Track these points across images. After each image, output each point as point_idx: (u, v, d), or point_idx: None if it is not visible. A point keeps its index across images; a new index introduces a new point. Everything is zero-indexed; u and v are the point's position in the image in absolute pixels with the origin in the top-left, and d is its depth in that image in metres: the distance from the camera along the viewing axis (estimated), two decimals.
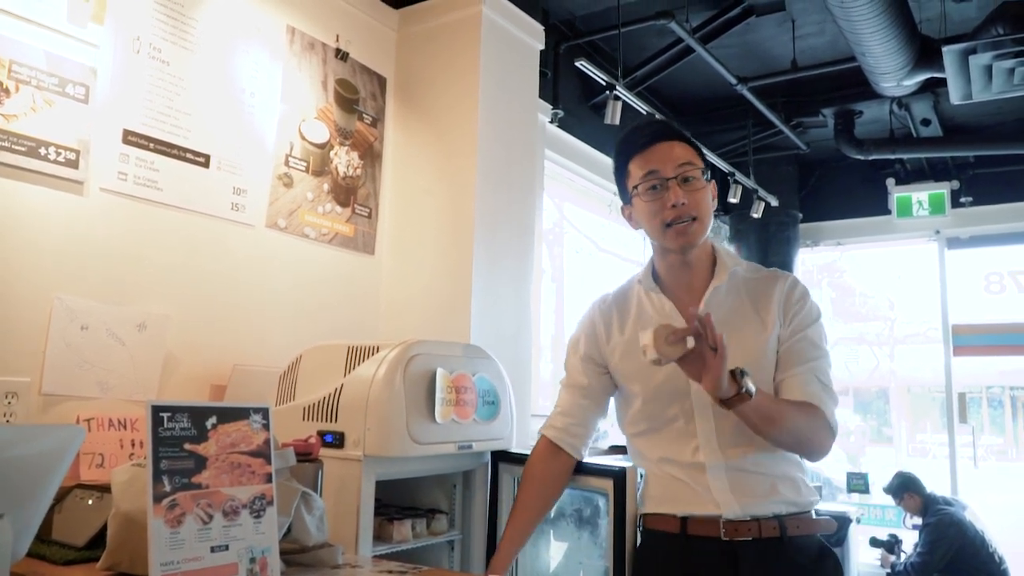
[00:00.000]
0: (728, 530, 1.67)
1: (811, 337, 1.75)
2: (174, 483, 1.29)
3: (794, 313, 1.76)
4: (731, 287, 1.79)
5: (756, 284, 1.80)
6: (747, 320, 1.76)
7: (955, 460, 6.74)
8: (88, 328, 2.19)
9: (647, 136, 1.78)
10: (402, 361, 1.98)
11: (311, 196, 2.86)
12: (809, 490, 1.78)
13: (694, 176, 1.74)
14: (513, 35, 3.26)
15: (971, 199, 6.58)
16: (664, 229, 1.74)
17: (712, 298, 1.77)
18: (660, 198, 1.73)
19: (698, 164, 1.76)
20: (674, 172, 1.72)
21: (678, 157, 1.74)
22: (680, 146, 1.77)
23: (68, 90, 2.16)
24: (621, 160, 1.82)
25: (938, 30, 4.59)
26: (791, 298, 1.77)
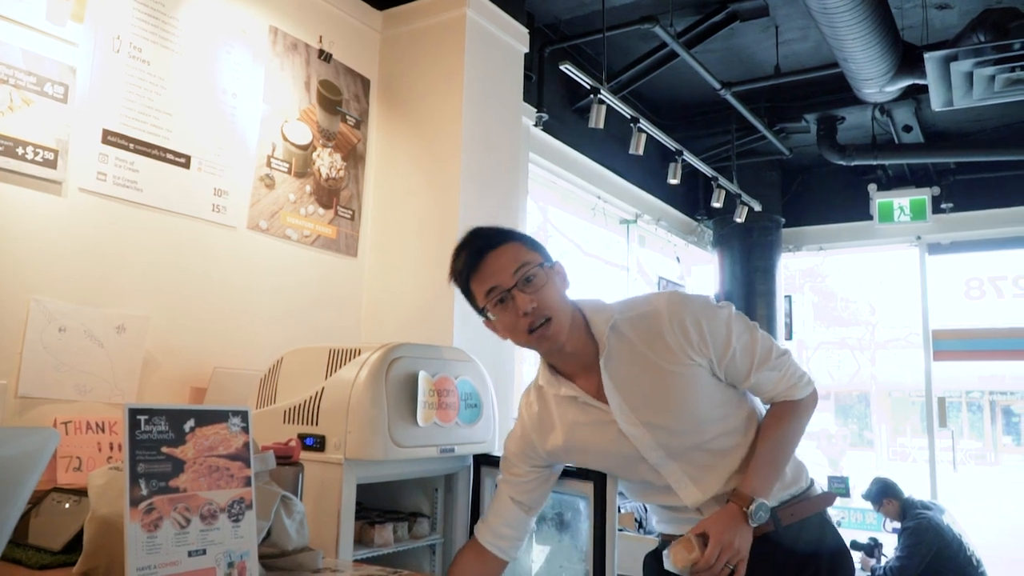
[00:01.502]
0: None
1: (740, 344, 1.70)
2: (151, 487, 1.27)
3: (701, 345, 1.68)
4: (620, 347, 1.72)
5: (642, 326, 1.72)
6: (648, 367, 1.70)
7: (934, 464, 6.79)
8: (66, 330, 2.16)
9: (475, 252, 1.71)
10: (384, 364, 1.97)
11: (293, 198, 2.84)
12: (795, 472, 1.78)
13: (533, 275, 1.67)
14: (497, 38, 3.25)
15: (952, 205, 6.64)
16: (528, 337, 1.69)
17: (607, 368, 1.71)
18: (510, 309, 1.67)
19: (533, 260, 1.69)
20: (513, 279, 1.66)
21: (510, 262, 1.67)
22: (509, 249, 1.70)
23: (46, 89, 2.14)
24: (463, 285, 1.75)
25: (920, 37, 4.63)
26: (687, 335, 1.68)
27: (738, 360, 1.70)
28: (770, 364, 1.72)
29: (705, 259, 7.13)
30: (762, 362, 1.71)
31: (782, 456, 1.70)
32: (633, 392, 1.70)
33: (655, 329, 1.70)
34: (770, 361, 1.72)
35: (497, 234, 1.74)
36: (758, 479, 1.65)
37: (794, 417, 1.74)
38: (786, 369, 1.74)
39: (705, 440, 1.69)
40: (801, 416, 1.75)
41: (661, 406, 1.68)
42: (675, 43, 4.44)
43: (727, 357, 1.69)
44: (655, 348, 1.69)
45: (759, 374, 1.71)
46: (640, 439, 1.69)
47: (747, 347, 1.70)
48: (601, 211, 5.63)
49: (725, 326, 1.69)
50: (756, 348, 1.71)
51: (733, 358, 1.69)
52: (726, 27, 4.65)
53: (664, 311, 1.70)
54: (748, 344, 1.71)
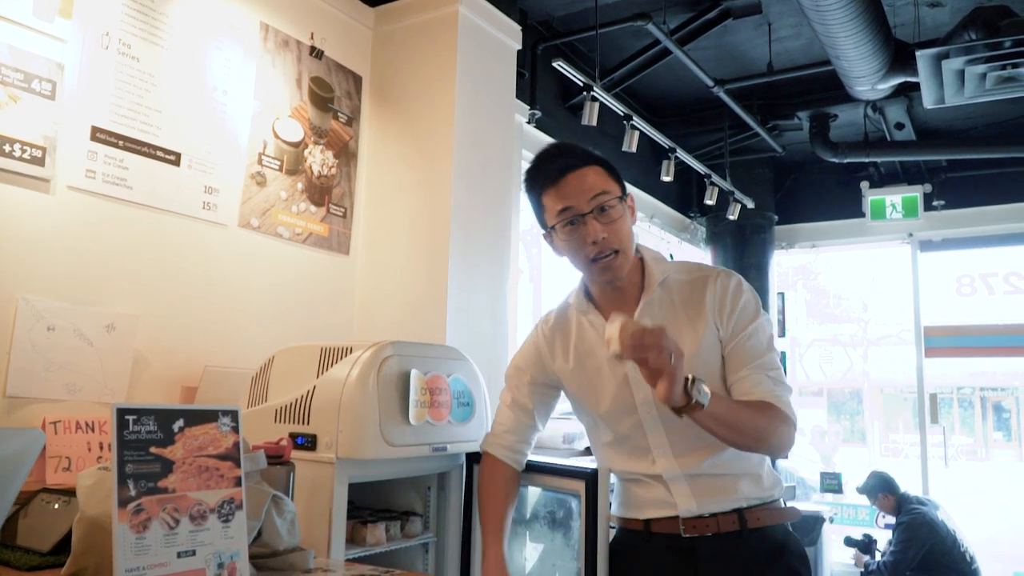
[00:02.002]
0: (687, 527, 1.69)
1: (754, 333, 1.70)
2: (140, 487, 1.26)
3: (729, 313, 1.71)
4: (663, 297, 1.75)
5: (689, 288, 1.76)
6: (679, 326, 1.71)
7: (926, 460, 6.81)
8: (55, 329, 2.14)
9: (557, 168, 1.69)
10: (376, 362, 1.96)
11: (285, 195, 2.82)
12: (772, 481, 1.78)
13: (610, 205, 1.67)
14: (490, 35, 3.24)
15: (943, 202, 6.65)
16: (589, 265, 1.70)
17: (644, 312, 1.73)
18: (579, 233, 1.67)
19: (613, 191, 1.69)
20: (589, 206, 1.66)
21: (591, 187, 1.67)
22: (593, 172, 1.69)
23: (34, 86, 2.12)
24: (534, 194, 1.75)
25: (912, 35, 4.63)
26: (724, 299, 1.72)
27: (748, 344, 1.69)
28: (767, 364, 1.69)
29: (698, 256, 7.14)
30: (760, 357, 1.69)
31: (738, 420, 1.59)
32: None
33: (698, 293, 1.73)
34: (767, 359, 1.70)
35: (582, 154, 1.72)
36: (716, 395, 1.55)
37: (768, 414, 1.63)
38: (777, 381, 1.69)
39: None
40: (771, 419, 1.63)
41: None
42: (668, 40, 4.43)
43: (740, 336, 1.69)
44: (690, 310, 1.73)
45: (752, 366, 1.68)
46: (642, 390, 1.69)
47: (758, 339, 1.70)
48: None
49: (752, 310, 1.72)
50: (762, 343, 1.71)
51: (745, 339, 1.69)
52: (719, 24, 4.64)
53: (713, 276, 1.75)
54: (760, 337, 1.71)
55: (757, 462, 1.76)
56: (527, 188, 1.77)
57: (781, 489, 1.80)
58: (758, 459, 1.77)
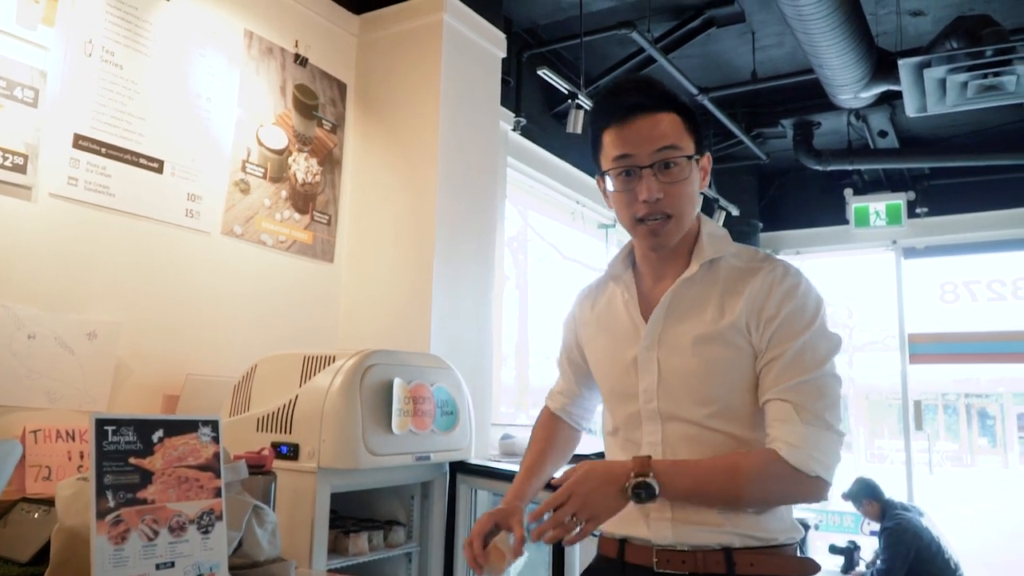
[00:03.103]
0: (660, 560, 1.43)
1: (800, 351, 1.39)
2: (118, 498, 1.26)
3: (767, 320, 1.41)
4: (708, 277, 1.50)
5: (738, 275, 1.48)
6: (706, 320, 1.46)
7: (911, 466, 6.85)
8: (35, 337, 2.13)
9: (626, 106, 1.45)
10: (359, 371, 1.95)
11: (268, 203, 2.82)
12: (781, 520, 1.45)
13: (676, 163, 1.43)
14: (475, 43, 3.25)
15: (927, 210, 6.71)
16: (635, 224, 1.49)
17: (680, 290, 1.49)
18: (633, 188, 1.45)
19: (684, 147, 1.45)
20: (651, 159, 1.43)
21: (660, 138, 1.43)
22: (667, 120, 1.45)
23: (16, 93, 2.11)
24: (596, 128, 1.52)
25: (895, 43, 4.67)
26: (768, 299, 1.42)
27: (788, 358, 1.39)
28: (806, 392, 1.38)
29: None
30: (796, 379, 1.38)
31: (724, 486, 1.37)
32: (677, 326, 1.48)
33: (742, 284, 1.46)
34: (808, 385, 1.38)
35: (660, 96, 1.47)
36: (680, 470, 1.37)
37: (764, 471, 1.36)
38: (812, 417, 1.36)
39: (703, 416, 1.44)
40: (769, 476, 1.36)
41: (690, 356, 1.45)
42: (652, 48, 4.45)
43: (784, 347, 1.40)
44: (728, 301, 1.46)
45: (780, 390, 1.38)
46: (648, 376, 1.49)
47: (800, 353, 1.39)
48: (580, 215, 5.64)
49: (804, 320, 1.41)
50: (804, 362, 1.39)
51: (787, 352, 1.39)
52: (703, 33, 4.67)
53: (767, 268, 1.47)
54: (805, 352, 1.40)
55: None
56: (591, 120, 1.56)
57: (793, 534, 1.46)
58: None
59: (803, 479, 1.34)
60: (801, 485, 1.35)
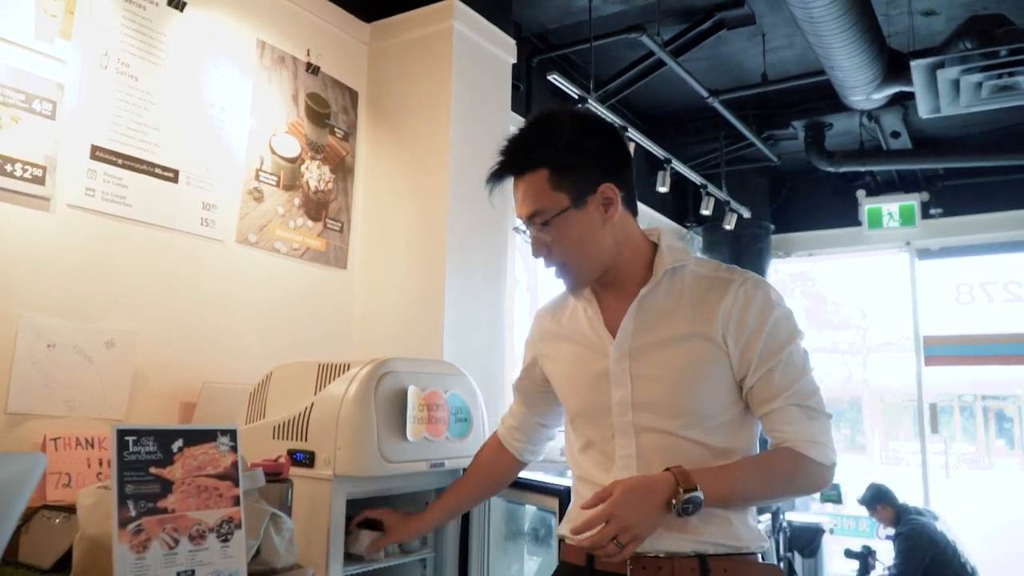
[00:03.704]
0: (635, 567, 1.44)
1: (786, 360, 1.46)
2: (139, 508, 1.28)
3: (752, 334, 1.46)
4: (671, 288, 1.52)
5: (705, 285, 1.52)
6: (677, 323, 1.49)
7: (927, 470, 6.81)
8: (55, 346, 2.15)
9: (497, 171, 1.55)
10: (373, 379, 1.97)
11: (282, 211, 2.84)
12: (751, 529, 1.51)
13: (549, 223, 1.49)
14: (485, 49, 3.26)
15: (941, 211, 6.68)
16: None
17: (645, 300, 1.52)
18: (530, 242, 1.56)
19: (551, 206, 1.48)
20: (527, 225, 1.53)
21: (527, 203, 1.51)
22: (532, 182, 1.49)
23: (35, 106, 2.14)
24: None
25: (907, 43, 4.65)
26: (745, 316, 1.46)
27: (779, 371, 1.45)
28: (801, 393, 1.46)
29: None
30: (793, 385, 1.46)
31: (756, 486, 1.43)
32: (646, 336, 1.50)
33: (713, 296, 1.49)
34: (801, 387, 1.47)
35: (525, 156, 1.51)
36: (717, 478, 1.40)
37: (789, 468, 1.44)
38: (814, 413, 1.46)
39: (677, 427, 1.47)
40: (794, 472, 1.44)
41: (662, 366, 1.47)
42: (662, 52, 4.46)
43: (771, 362, 1.45)
44: (697, 312, 1.49)
45: (782, 398, 1.45)
46: (622, 389, 1.51)
47: (791, 363, 1.47)
48: None
49: (785, 330, 1.48)
50: (796, 368, 1.47)
51: (776, 367, 1.45)
52: (713, 35, 4.68)
53: (737, 281, 1.50)
54: (795, 361, 1.47)
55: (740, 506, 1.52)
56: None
57: (762, 543, 1.52)
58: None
59: (822, 470, 1.44)
60: (821, 475, 1.45)
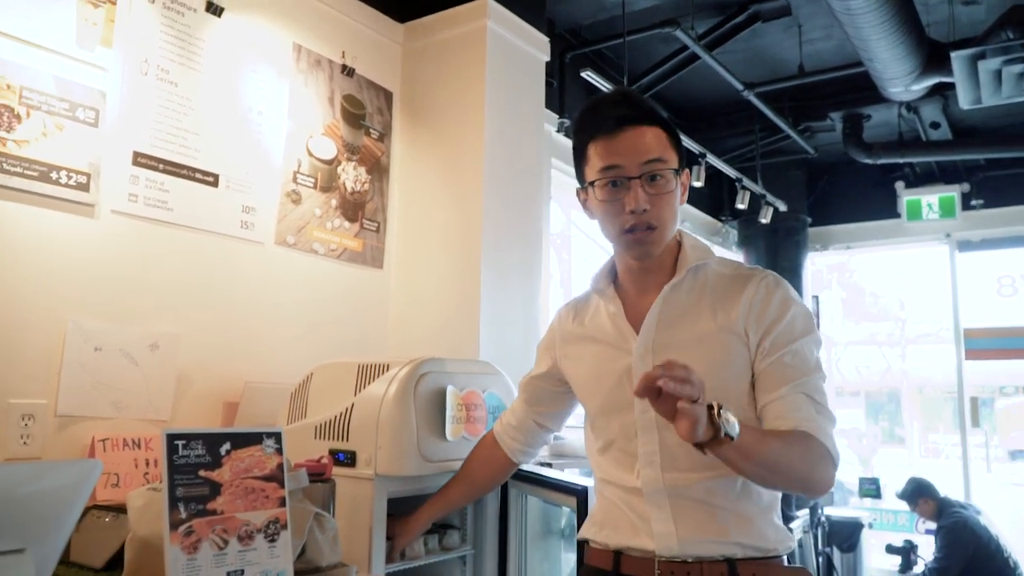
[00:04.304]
0: (663, 571, 1.45)
1: (799, 351, 1.47)
2: (190, 510, 1.31)
3: (771, 323, 1.47)
4: (694, 285, 1.54)
5: (727, 282, 1.54)
6: (700, 319, 1.51)
7: (968, 462, 6.72)
8: (102, 349, 2.20)
9: (614, 118, 1.49)
10: (412, 379, 1.99)
11: (319, 212, 2.87)
12: (778, 531, 1.51)
13: (662, 175, 1.48)
14: (519, 48, 3.27)
15: (982, 202, 6.56)
16: (621, 234, 1.52)
17: (669, 296, 1.53)
18: (619, 199, 1.49)
19: (670, 160, 1.49)
20: (639, 170, 1.47)
21: (647, 150, 1.47)
22: (652, 133, 1.49)
23: (78, 114, 2.18)
24: (580, 140, 1.56)
25: (946, 33, 4.57)
26: (766, 306, 1.48)
27: (790, 361, 1.45)
28: (811, 387, 1.45)
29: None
30: (803, 377, 1.46)
31: (771, 455, 1.35)
32: (669, 332, 1.51)
33: (735, 291, 1.51)
34: (811, 381, 1.46)
35: (648, 110, 1.51)
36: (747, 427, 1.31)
37: (805, 448, 1.39)
38: (821, 407, 1.45)
39: None
40: (809, 454, 1.39)
41: (685, 360, 1.37)
42: (696, 46, 4.43)
43: (783, 351, 1.46)
44: (719, 307, 1.51)
45: (792, 386, 1.44)
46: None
47: (803, 357, 1.47)
48: None
49: (801, 324, 1.49)
50: (808, 362, 1.47)
51: (787, 356, 1.46)
52: (748, 28, 4.63)
53: (756, 277, 1.53)
54: (806, 355, 1.48)
55: (766, 504, 1.51)
56: (574, 130, 1.59)
57: (789, 543, 1.52)
58: (768, 500, 1.51)
59: (831, 465, 1.41)
60: (829, 469, 1.41)
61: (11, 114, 2.05)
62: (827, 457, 1.40)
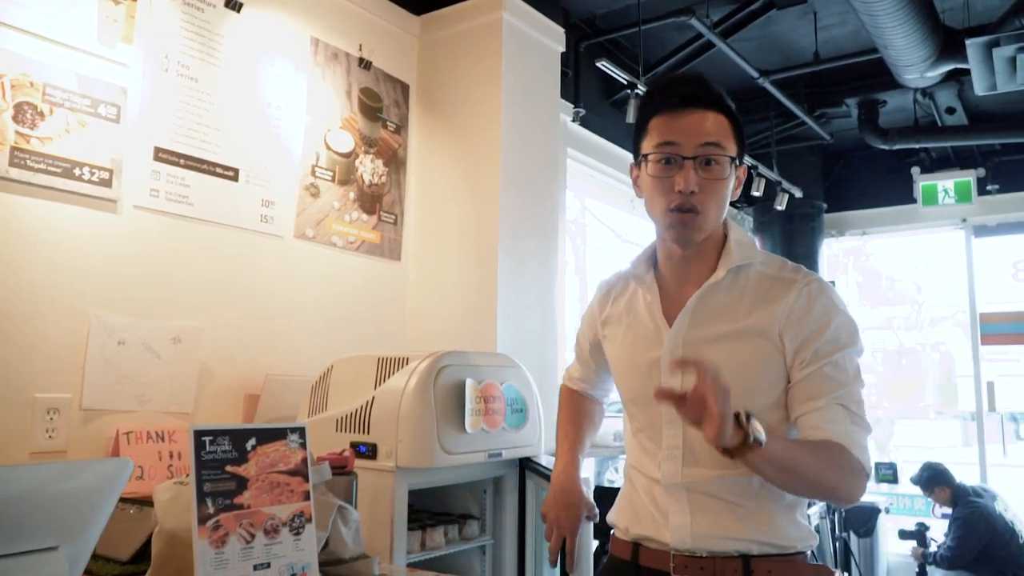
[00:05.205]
0: (678, 565, 1.45)
1: (840, 362, 1.43)
2: (217, 504, 1.33)
3: (812, 332, 1.44)
4: (734, 283, 1.51)
5: (769, 284, 1.50)
6: (735, 323, 1.48)
7: (983, 447, 6.71)
8: (125, 343, 2.24)
9: (680, 97, 1.47)
10: (432, 372, 2.02)
11: (338, 205, 2.90)
12: (800, 529, 1.48)
13: (717, 161, 1.45)
14: (534, 39, 3.27)
15: (998, 187, 6.51)
16: (665, 212, 1.48)
17: (706, 294, 1.50)
18: (671, 176, 1.45)
19: (728, 148, 1.47)
20: (695, 152, 1.44)
21: (706, 133, 1.45)
22: (715, 118, 1.47)
23: (100, 111, 2.21)
24: (644, 114, 1.54)
25: (962, 19, 4.53)
26: (807, 314, 1.45)
27: (829, 372, 1.42)
28: (849, 397, 1.42)
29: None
30: (842, 388, 1.42)
31: (799, 464, 1.34)
32: (702, 329, 1.49)
33: (776, 293, 1.48)
34: (850, 392, 1.43)
35: (714, 96, 1.49)
36: (775, 436, 1.30)
37: (835, 459, 1.37)
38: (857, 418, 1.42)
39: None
40: (838, 465, 1.37)
41: (716, 359, 1.40)
42: (711, 33, 4.41)
43: (823, 362, 1.43)
44: (758, 306, 1.48)
45: (830, 398, 1.41)
46: (672, 378, 1.49)
47: (843, 368, 1.44)
48: (640, 203, 5.61)
49: (845, 335, 1.46)
50: (848, 373, 1.44)
51: (827, 367, 1.43)
52: (763, 15, 4.60)
53: (801, 282, 1.49)
54: (846, 366, 1.44)
55: (790, 502, 1.48)
56: (640, 104, 1.58)
57: (811, 541, 1.50)
58: (791, 498, 1.48)
59: (862, 475, 1.39)
60: (859, 480, 1.39)
61: (35, 111, 2.07)
62: (858, 470, 1.38)
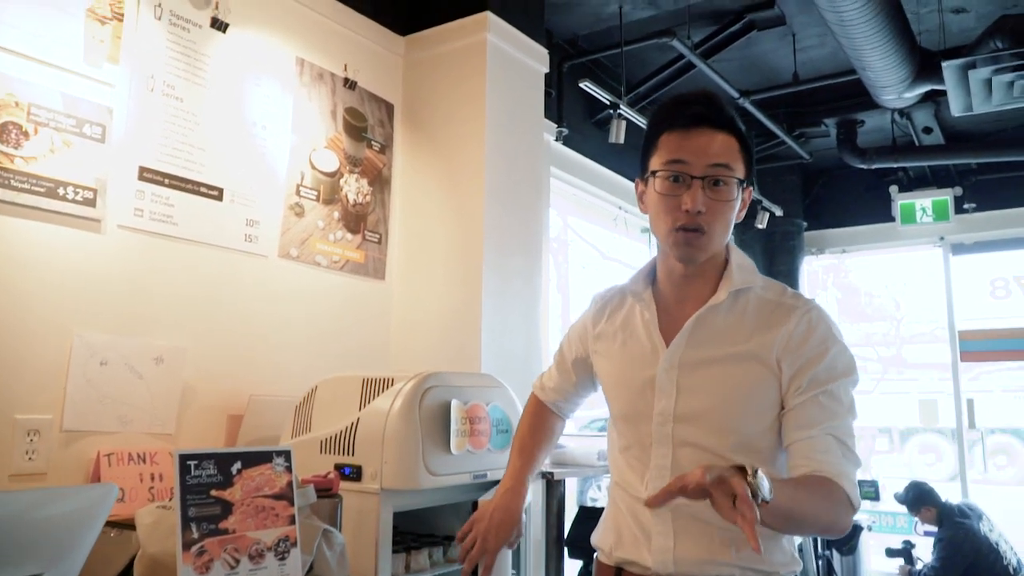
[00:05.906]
0: None
1: (835, 392, 1.43)
2: (202, 529, 1.33)
3: (808, 360, 1.44)
4: (734, 306, 1.51)
5: (769, 309, 1.50)
6: (732, 346, 1.48)
7: (964, 463, 6.78)
8: (107, 363, 2.23)
9: (691, 116, 1.47)
10: (417, 394, 2.02)
11: (322, 224, 2.90)
12: (784, 554, 1.49)
13: (725, 182, 1.45)
14: (518, 60, 3.30)
15: (975, 205, 6.61)
16: (671, 231, 1.48)
17: (705, 316, 1.50)
18: (678, 195, 1.45)
19: (736, 170, 1.46)
20: (704, 172, 1.44)
21: (716, 154, 1.45)
22: (725, 139, 1.46)
23: (85, 130, 2.21)
24: (654, 130, 1.52)
25: (937, 41, 4.62)
26: (805, 342, 1.45)
27: (823, 401, 1.42)
28: (841, 429, 1.42)
29: None
30: (835, 419, 1.42)
31: (800, 511, 1.32)
32: (699, 351, 1.49)
33: (776, 320, 1.48)
34: (843, 424, 1.43)
35: (725, 117, 1.48)
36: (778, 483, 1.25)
37: (828, 497, 1.36)
38: (848, 450, 1.42)
39: (721, 445, 1.45)
40: (832, 502, 1.36)
41: (710, 381, 1.47)
42: (692, 55, 4.47)
43: (818, 390, 1.43)
44: (757, 332, 1.48)
45: (822, 427, 1.41)
46: (665, 399, 1.50)
47: (838, 399, 1.44)
48: (623, 220, 5.67)
49: (841, 365, 1.46)
50: (842, 404, 1.44)
51: (822, 396, 1.42)
52: (743, 36, 4.67)
53: (800, 310, 1.49)
54: (840, 397, 1.44)
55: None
56: (650, 122, 1.56)
57: (794, 567, 1.50)
58: None
59: (850, 511, 1.38)
60: (847, 516, 1.38)
61: (19, 131, 2.07)
62: (847, 504, 1.37)
